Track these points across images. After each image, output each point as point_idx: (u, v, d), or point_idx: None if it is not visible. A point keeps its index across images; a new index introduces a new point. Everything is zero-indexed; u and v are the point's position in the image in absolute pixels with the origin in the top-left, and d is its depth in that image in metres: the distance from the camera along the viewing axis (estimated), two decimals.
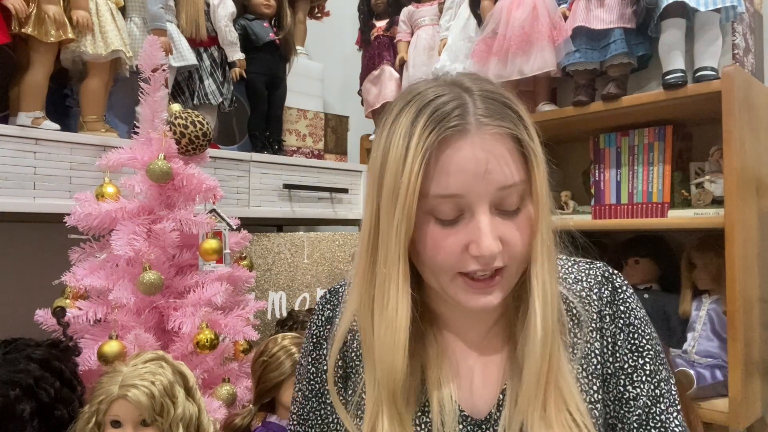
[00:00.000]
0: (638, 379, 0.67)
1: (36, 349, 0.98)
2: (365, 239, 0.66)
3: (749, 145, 1.28)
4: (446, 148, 0.59)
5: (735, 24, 1.37)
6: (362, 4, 2.14)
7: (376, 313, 0.65)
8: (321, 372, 0.76)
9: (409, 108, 0.62)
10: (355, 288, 0.68)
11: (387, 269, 0.62)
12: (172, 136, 1.29)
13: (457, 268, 0.62)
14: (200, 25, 1.68)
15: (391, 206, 0.61)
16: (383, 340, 0.63)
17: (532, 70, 1.51)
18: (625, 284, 0.71)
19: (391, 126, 0.63)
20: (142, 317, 1.23)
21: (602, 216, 1.55)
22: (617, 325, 0.69)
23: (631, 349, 0.68)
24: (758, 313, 1.30)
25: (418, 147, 0.59)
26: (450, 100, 0.61)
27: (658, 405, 0.67)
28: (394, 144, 0.61)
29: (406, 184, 0.59)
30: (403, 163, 0.59)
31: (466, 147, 0.59)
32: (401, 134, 0.61)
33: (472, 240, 0.60)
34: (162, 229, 1.23)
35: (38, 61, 1.34)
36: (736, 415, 1.21)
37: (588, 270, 0.73)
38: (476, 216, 0.60)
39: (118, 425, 0.96)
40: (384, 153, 0.62)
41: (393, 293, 0.63)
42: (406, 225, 0.60)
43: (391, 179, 0.60)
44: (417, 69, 1.93)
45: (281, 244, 1.76)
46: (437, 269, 0.63)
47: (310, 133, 2.06)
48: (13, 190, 1.27)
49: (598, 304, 0.70)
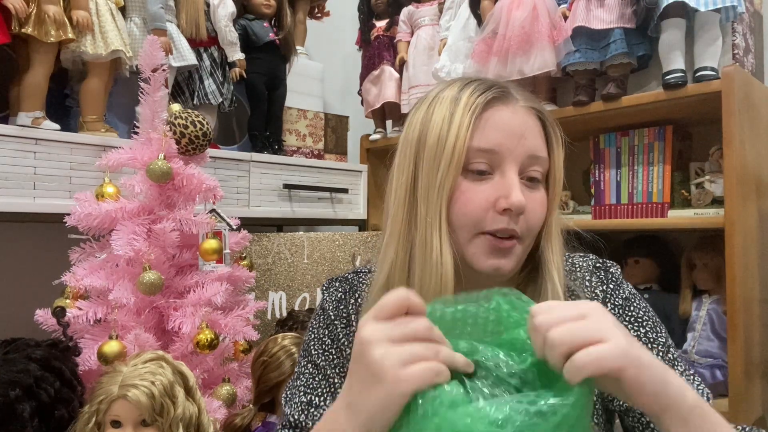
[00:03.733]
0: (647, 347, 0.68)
1: (36, 349, 0.98)
2: (400, 199, 0.69)
3: (749, 145, 1.28)
4: (489, 109, 0.66)
5: (735, 24, 1.37)
6: (362, 4, 2.14)
7: (418, 263, 0.66)
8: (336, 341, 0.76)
9: (450, 88, 0.69)
10: (390, 246, 0.69)
11: (430, 218, 0.66)
12: (172, 136, 1.29)
13: (480, 225, 0.66)
14: (200, 25, 1.68)
15: (434, 162, 0.66)
16: (429, 285, 0.65)
17: (532, 70, 1.51)
18: (617, 270, 0.76)
19: (431, 102, 0.69)
20: (142, 317, 1.23)
21: (602, 216, 1.55)
22: (614, 303, 0.72)
23: (630, 320, 0.71)
24: (758, 313, 1.30)
25: (467, 105, 0.66)
26: (488, 81, 0.69)
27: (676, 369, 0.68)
28: (438, 111, 0.67)
29: (454, 137, 0.64)
30: (450, 120, 0.65)
31: (507, 111, 0.67)
32: (446, 102, 0.67)
33: (501, 195, 0.65)
34: (162, 229, 1.23)
35: (38, 61, 1.34)
36: (736, 415, 1.21)
37: (582, 262, 0.77)
38: (507, 173, 0.66)
39: (118, 425, 0.96)
40: (425, 120, 0.68)
41: (436, 240, 0.65)
42: (452, 176, 0.65)
43: (434, 138, 0.66)
44: (417, 69, 1.93)
45: (281, 244, 1.76)
46: (463, 225, 0.66)
47: (310, 133, 2.06)
48: (13, 190, 1.27)
49: (592, 288, 0.74)
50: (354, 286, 0.80)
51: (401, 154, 0.71)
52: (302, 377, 0.77)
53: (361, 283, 0.80)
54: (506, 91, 0.68)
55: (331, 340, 0.77)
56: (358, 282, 0.81)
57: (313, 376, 0.76)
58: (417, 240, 0.67)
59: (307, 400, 0.74)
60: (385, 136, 2.11)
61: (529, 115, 0.68)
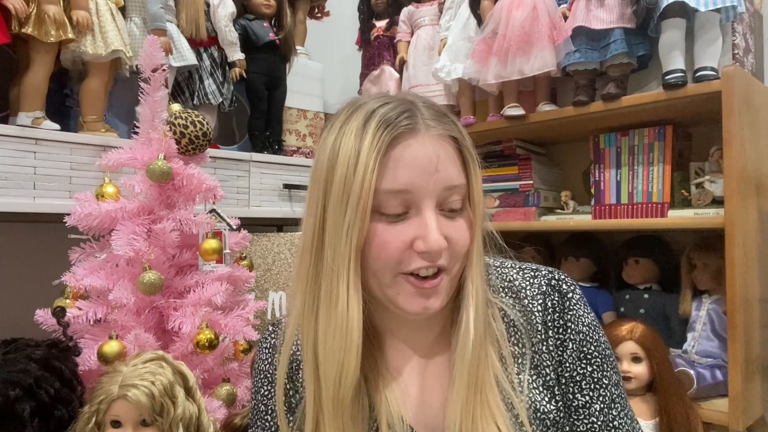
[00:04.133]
0: (587, 387, 0.67)
1: (36, 349, 0.98)
2: (308, 242, 0.65)
3: (749, 145, 1.28)
4: (397, 145, 0.61)
5: (735, 24, 1.37)
6: (362, 4, 2.14)
7: (323, 314, 0.63)
8: (272, 408, 0.73)
9: (357, 114, 0.63)
10: (298, 293, 0.66)
11: (336, 266, 0.61)
12: (172, 136, 1.29)
13: (400, 267, 0.62)
14: (200, 25, 1.68)
15: (341, 205, 0.61)
16: (333, 341, 0.61)
17: (532, 70, 1.51)
18: (571, 290, 0.70)
19: (339, 131, 0.64)
20: (142, 317, 1.23)
21: (602, 216, 1.55)
22: (566, 335, 0.68)
23: (579, 356, 0.67)
24: (758, 313, 1.30)
25: (372, 144, 0.60)
26: (397, 106, 0.63)
27: (611, 411, 0.67)
28: (344, 146, 0.62)
29: (360, 180, 0.59)
30: (356, 161, 0.60)
31: (416, 145, 0.61)
32: (352, 136, 0.61)
33: (418, 236, 0.61)
34: (162, 229, 1.23)
35: (38, 61, 1.34)
36: (736, 415, 1.21)
37: (532, 279, 0.71)
38: (423, 212, 0.61)
39: (118, 425, 0.96)
40: (332, 156, 0.62)
41: (343, 290, 0.61)
42: (359, 221, 0.60)
43: (341, 179, 0.61)
44: (417, 69, 1.93)
45: (281, 244, 1.76)
46: (381, 268, 0.62)
47: (310, 133, 2.06)
48: (13, 190, 1.27)
49: (543, 315, 0.68)
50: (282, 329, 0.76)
51: (310, 192, 0.66)
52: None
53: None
54: (415, 119, 0.62)
55: (265, 406, 0.74)
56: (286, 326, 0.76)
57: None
58: (323, 289, 0.63)
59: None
60: None
61: (441, 144, 0.63)
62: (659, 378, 1.27)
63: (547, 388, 0.66)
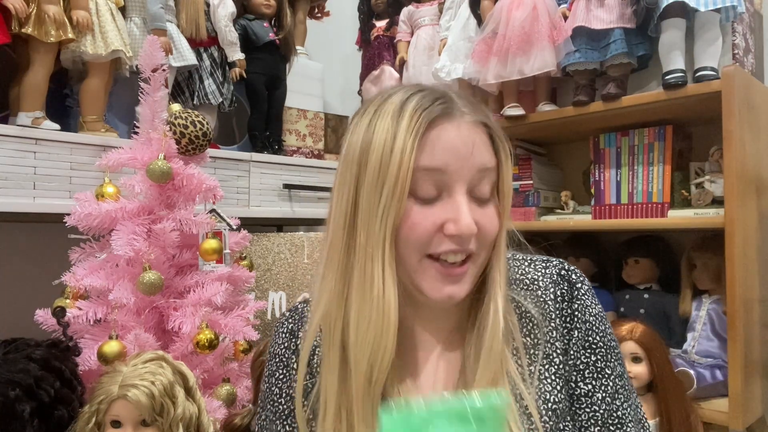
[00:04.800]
0: (590, 376, 0.67)
1: (36, 349, 0.98)
2: (338, 226, 0.64)
3: (749, 145, 1.28)
4: (434, 128, 0.62)
5: (735, 24, 1.37)
6: (362, 4, 2.14)
7: (355, 298, 0.62)
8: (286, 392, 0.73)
9: (391, 100, 0.64)
10: (328, 277, 0.65)
11: (370, 249, 0.61)
12: (172, 136, 1.29)
13: (428, 248, 0.62)
14: (200, 25, 1.68)
15: (376, 187, 0.61)
16: (368, 324, 0.61)
17: (532, 70, 1.51)
18: (581, 280, 0.71)
19: (373, 115, 0.64)
20: (142, 317, 1.23)
21: (602, 216, 1.55)
22: (573, 324, 0.69)
23: (584, 345, 0.68)
24: (758, 313, 1.30)
25: (410, 127, 0.61)
26: (432, 93, 0.65)
27: (614, 401, 0.67)
28: (379, 129, 0.62)
29: (398, 162, 0.60)
30: (393, 143, 0.61)
31: (452, 129, 0.62)
32: (387, 120, 0.62)
33: (449, 218, 0.61)
34: (162, 229, 1.23)
35: (38, 61, 1.34)
36: (736, 415, 1.21)
37: (544, 269, 0.72)
38: (454, 195, 0.62)
39: (118, 425, 0.96)
40: (366, 140, 0.63)
41: (378, 273, 0.61)
42: (396, 203, 0.60)
43: (376, 161, 0.61)
44: (417, 69, 1.93)
45: (281, 244, 1.76)
46: (410, 249, 0.62)
47: (310, 133, 2.06)
48: (13, 190, 1.27)
49: (554, 304, 0.69)
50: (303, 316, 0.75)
51: (341, 176, 0.66)
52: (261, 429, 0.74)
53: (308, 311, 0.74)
54: (451, 105, 0.63)
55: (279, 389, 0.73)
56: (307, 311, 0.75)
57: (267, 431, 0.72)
58: (356, 271, 0.62)
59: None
60: None
61: (476, 130, 0.64)
62: (659, 378, 1.27)
63: (559, 377, 0.67)
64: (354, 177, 0.63)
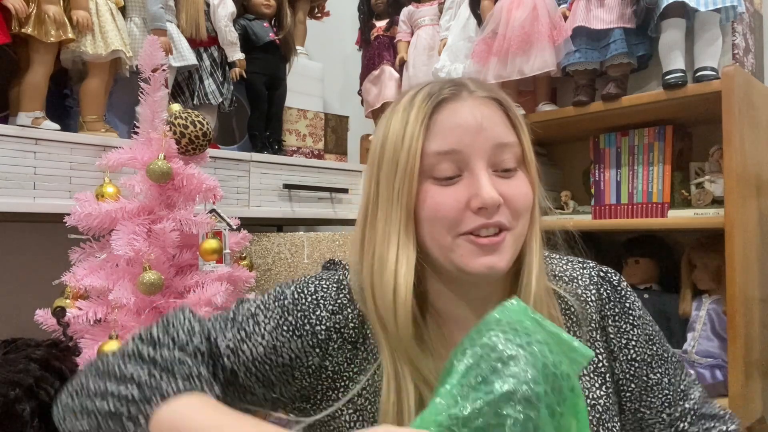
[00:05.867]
0: (656, 365, 0.71)
1: (36, 349, 0.98)
2: (362, 213, 0.67)
3: (749, 145, 1.28)
4: (442, 110, 0.64)
5: (735, 24, 1.37)
6: (362, 4, 2.14)
7: (376, 282, 0.64)
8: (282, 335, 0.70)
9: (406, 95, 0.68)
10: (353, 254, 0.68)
11: (387, 230, 0.64)
12: (172, 136, 1.29)
13: (459, 227, 0.62)
14: (200, 25, 1.68)
15: (391, 173, 0.64)
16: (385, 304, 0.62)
17: (532, 70, 1.51)
18: (619, 280, 0.74)
19: (391, 113, 0.68)
20: (142, 317, 1.23)
21: (602, 216, 1.55)
22: (626, 322, 0.71)
23: (646, 340, 0.71)
24: (758, 313, 1.30)
25: (418, 113, 0.64)
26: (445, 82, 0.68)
27: (675, 379, 0.72)
28: (395, 120, 0.66)
29: (408, 146, 0.62)
30: (403, 131, 0.64)
31: (460, 108, 0.64)
32: (401, 111, 0.66)
33: (473, 194, 0.62)
34: (162, 229, 1.23)
35: (38, 61, 1.34)
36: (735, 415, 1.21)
37: (582, 269, 0.74)
38: (474, 171, 0.63)
39: None
40: (383, 135, 0.66)
41: (392, 255, 0.63)
42: (408, 183, 0.62)
43: (390, 150, 0.64)
44: (417, 69, 1.93)
45: (281, 244, 1.76)
46: (438, 230, 0.63)
47: (310, 133, 2.06)
48: (13, 190, 1.27)
49: (599, 304, 0.71)
50: None
51: (366, 171, 0.69)
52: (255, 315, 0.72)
53: None
54: (459, 87, 0.65)
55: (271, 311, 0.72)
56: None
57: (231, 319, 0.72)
58: (375, 257, 0.64)
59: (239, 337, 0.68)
60: None
61: (487, 105, 0.65)
62: None
63: (598, 375, 0.69)
64: (375, 170, 0.66)
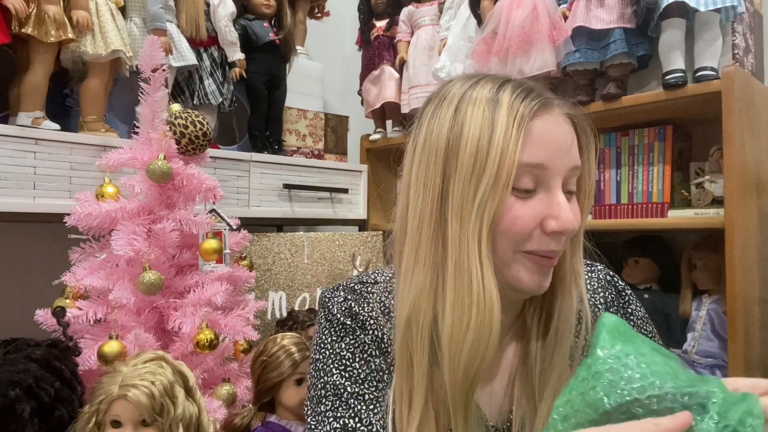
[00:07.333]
0: None
1: (36, 349, 0.98)
2: (426, 220, 0.61)
3: (749, 145, 1.28)
4: (535, 119, 0.59)
5: (735, 24, 1.37)
6: (362, 4, 2.14)
7: (451, 293, 0.59)
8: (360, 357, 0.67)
9: (480, 86, 0.61)
10: (416, 273, 0.61)
11: (466, 242, 0.58)
12: (172, 136, 1.29)
13: (524, 245, 0.60)
14: (200, 25, 1.68)
15: (470, 178, 0.58)
16: (470, 320, 0.58)
17: (532, 70, 1.51)
18: (623, 285, 0.74)
19: (459, 102, 0.61)
20: (142, 317, 1.23)
21: (602, 216, 1.55)
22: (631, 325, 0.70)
23: None
24: (758, 313, 1.30)
25: (512, 113, 0.58)
26: (522, 82, 0.62)
27: None
28: (472, 114, 0.59)
29: (500, 152, 0.57)
30: (491, 131, 0.58)
31: (551, 121, 0.60)
32: (482, 104, 0.59)
33: (549, 215, 0.59)
34: (162, 229, 1.23)
35: (38, 61, 1.34)
36: None
37: (590, 272, 0.73)
38: (553, 191, 0.60)
39: (118, 425, 0.96)
40: (455, 125, 0.60)
41: (476, 266, 0.58)
42: (498, 194, 0.57)
43: (471, 150, 0.58)
44: (417, 69, 1.93)
45: (281, 244, 1.76)
46: (505, 243, 0.60)
47: (310, 133, 2.06)
48: (13, 190, 1.27)
49: (604, 307, 0.71)
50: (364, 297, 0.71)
51: (422, 164, 0.62)
52: (325, 402, 0.66)
53: (370, 293, 0.71)
54: (546, 96, 0.61)
55: (351, 353, 0.68)
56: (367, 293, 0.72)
57: (338, 398, 0.66)
58: (449, 265, 0.59)
59: (340, 426, 0.64)
60: (385, 136, 2.11)
61: (567, 123, 0.62)
62: None
63: None
64: (440, 168, 0.60)
